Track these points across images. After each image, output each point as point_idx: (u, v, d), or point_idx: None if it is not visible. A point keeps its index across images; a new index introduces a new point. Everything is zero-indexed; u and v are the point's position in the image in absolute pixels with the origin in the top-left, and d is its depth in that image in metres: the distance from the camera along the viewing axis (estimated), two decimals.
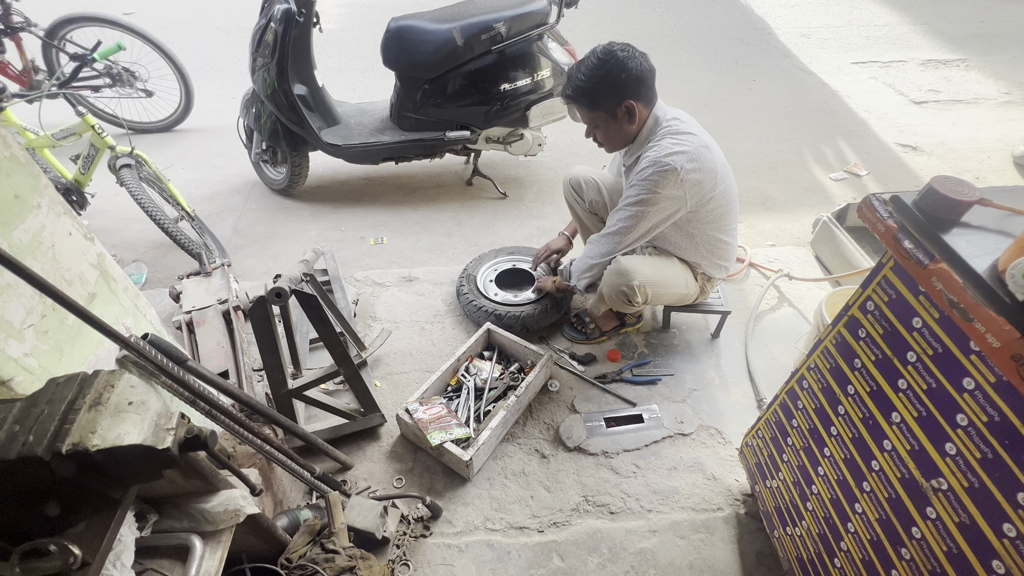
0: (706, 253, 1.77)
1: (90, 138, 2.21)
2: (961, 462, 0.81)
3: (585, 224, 2.07)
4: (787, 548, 1.30)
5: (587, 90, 1.52)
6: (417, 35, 2.42)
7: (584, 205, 2.00)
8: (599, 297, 1.81)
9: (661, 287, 1.74)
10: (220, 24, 5.04)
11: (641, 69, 1.48)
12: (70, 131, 2.21)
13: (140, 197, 2.13)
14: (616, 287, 1.70)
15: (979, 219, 0.83)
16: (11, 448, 0.63)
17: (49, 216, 0.95)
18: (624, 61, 1.46)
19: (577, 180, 1.99)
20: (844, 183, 3.04)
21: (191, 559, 0.87)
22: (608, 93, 1.50)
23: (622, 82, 1.48)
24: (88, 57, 2.13)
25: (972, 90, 3.95)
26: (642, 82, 1.50)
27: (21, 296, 0.86)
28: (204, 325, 1.77)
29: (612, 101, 1.51)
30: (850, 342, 1.04)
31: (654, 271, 1.70)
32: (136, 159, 2.25)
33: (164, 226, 2.16)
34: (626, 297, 1.70)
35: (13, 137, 0.91)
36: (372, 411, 1.69)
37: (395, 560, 1.43)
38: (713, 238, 1.73)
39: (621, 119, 1.54)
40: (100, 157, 2.25)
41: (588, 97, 1.53)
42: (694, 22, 5.12)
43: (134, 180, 2.16)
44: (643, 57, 1.49)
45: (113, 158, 2.21)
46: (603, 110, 1.54)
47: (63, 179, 2.30)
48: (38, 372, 0.86)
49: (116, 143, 2.22)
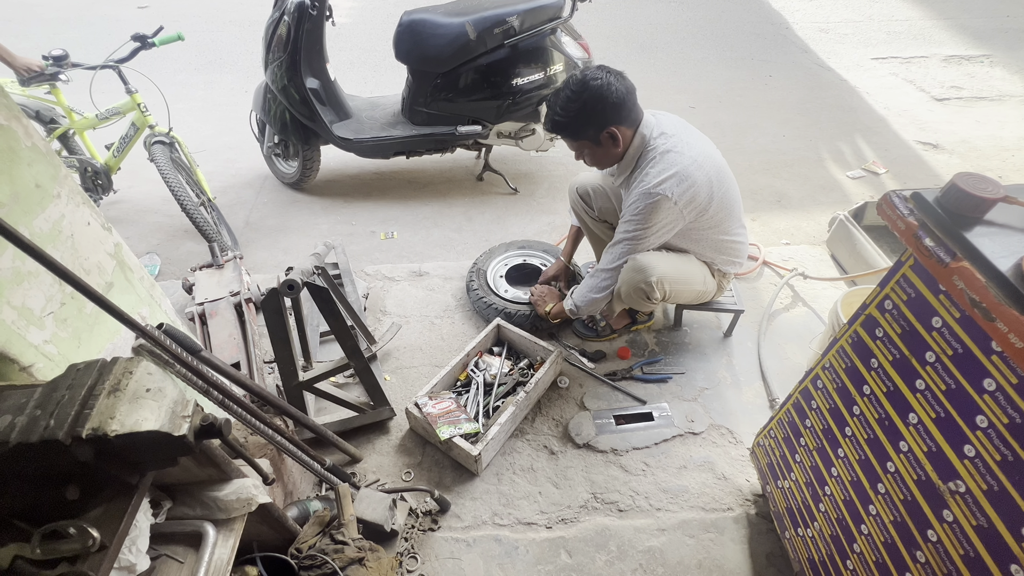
0: (714, 253, 1.76)
1: (133, 117, 2.29)
2: (980, 464, 0.79)
3: (594, 232, 2.02)
4: (798, 549, 1.29)
5: (565, 124, 1.53)
6: (429, 29, 2.41)
7: (593, 213, 1.96)
8: (616, 299, 1.79)
9: (680, 283, 1.71)
10: (233, 18, 5.09)
11: (618, 95, 1.46)
12: (115, 110, 2.30)
13: (167, 175, 2.18)
14: (634, 284, 1.67)
15: (1003, 217, 0.81)
16: (33, 432, 0.64)
17: (69, 206, 0.96)
18: (599, 91, 1.44)
19: (585, 188, 1.94)
20: (862, 181, 2.99)
21: (204, 546, 0.88)
22: (587, 123, 1.50)
23: (600, 111, 1.47)
24: (148, 40, 2.18)
25: (996, 87, 3.85)
26: (621, 107, 1.48)
27: (41, 284, 0.87)
28: (216, 317, 1.79)
29: (593, 130, 1.51)
30: (867, 342, 1.02)
31: (672, 267, 1.68)
32: (171, 140, 2.31)
33: (185, 206, 2.20)
34: (644, 294, 1.67)
35: (34, 128, 0.92)
36: (382, 404, 1.70)
37: (403, 553, 1.44)
38: (718, 240, 1.71)
39: (605, 144, 1.54)
40: (138, 137, 2.32)
41: (568, 130, 1.54)
42: (709, 16, 5.05)
43: (165, 158, 2.21)
44: (619, 79, 1.47)
45: (150, 136, 2.27)
46: (586, 139, 1.55)
47: (95, 161, 2.38)
48: (57, 359, 0.88)
49: (156, 123, 2.29)
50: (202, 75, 4.15)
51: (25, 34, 4.80)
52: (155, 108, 2.33)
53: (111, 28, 4.81)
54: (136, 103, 2.26)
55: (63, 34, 4.76)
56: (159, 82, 2.31)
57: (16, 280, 0.84)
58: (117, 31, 2.25)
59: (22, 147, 0.89)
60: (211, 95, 3.89)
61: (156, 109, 2.32)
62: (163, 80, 4.02)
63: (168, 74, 4.15)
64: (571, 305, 1.84)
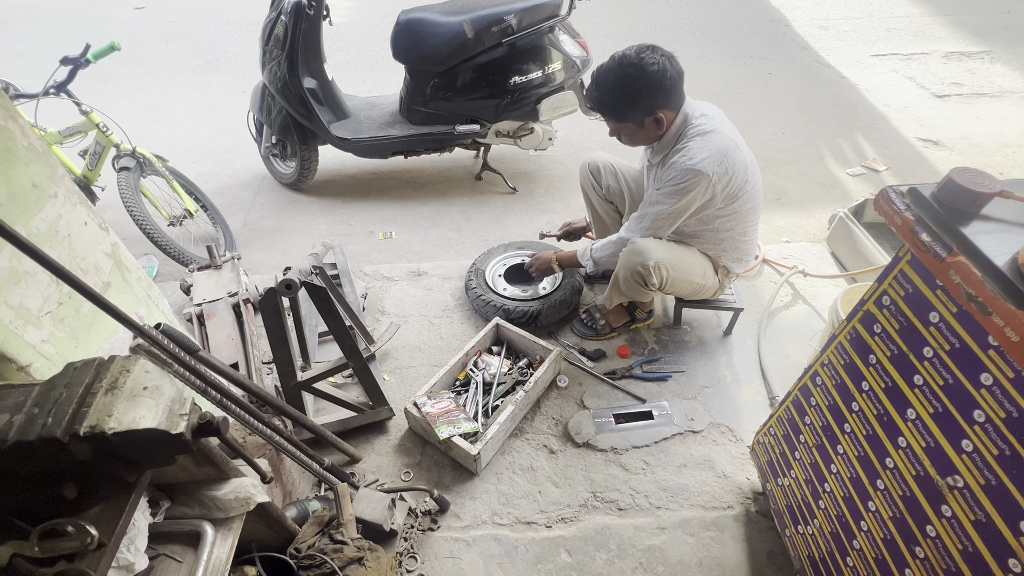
0: (729, 248, 1.75)
1: (95, 136, 2.24)
2: (978, 459, 0.79)
3: (598, 212, 2.03)
4: (798, 547, 1.29)
5: (613, 106, 1.48)
6: (427, 28, 2.41)
7: (600, 191, 1.97)
8: (613, 288, 1.79)
9: (678, 272, 1.69)
10: (230, 18, 5.09)
11: (672, 80, 1.42)
12: (75, 129, 2.23)
13: (130, 205, 2.14)
14: (632, 267, 1.66)
15: (999, 212, 0.80)
16: (31, 430, 0.64)
17: (66, 205, 0.96)
18: (656, 77, 1.40)
19: (596, 164, 1.95)
20: (862, 179, 2.98)
21: (202, 545, 0.89)
22: (637, 108, 1.47)
23: (652, 97, 1.43)
24: (81, 60, 2.13)
25: (997, 83, 3.84)
26: (672, 92, 1.45)
27: (39, 284, 0.87)
28: (214, 318, 1.79)
29: (640, 113, 1.48)
30: (865, 338, 1.02)
31: (670, 254, 1.67)
32: (138, 158, 2.26)
33: (152, 236, 2.16)
34: (641, 278, 1.66)
35: (30, 128, 0.92)
36: (380, 404, 1.70)
37: (403, 552, 1.44)
38: (738, 233, 1.71)
39: (648, 127, 1.51)
40: (106, 154, 2.27)
41: (615, 112, 1.50)
42: (708, 14, 5.04)
43: (129, 187, 2.16)
44: (672, 62, 1.43)
45: (116, 157, 2.23)
46: (630, 122, 1.51)
47: (71, 175, 2.33)
48: (55, 359, 0.88)
49: (121, 141, 2.24)
50: (199, 76, 4.15)
51: (22, 36, 4.81)
52: (141, 112, 2.25)
53: (109, 30, 4.82)
54: (94, 123, 2.18)
55: (60, 36, 4.76)
56: (155, 84, 2.30)
57: (13, 280, 0.84)
58: (115, 33, 2.23)
59: (19, 147, 0.89)
60: (208, 96, 3.89)
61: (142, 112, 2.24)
62: (160, 81, 4.02)
63: (165, 75, 4.18)
64: (587, 255, 1.81)
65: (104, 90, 2.20)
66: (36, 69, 2.71)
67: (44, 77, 2.13)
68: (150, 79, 4.09)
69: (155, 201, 2.37)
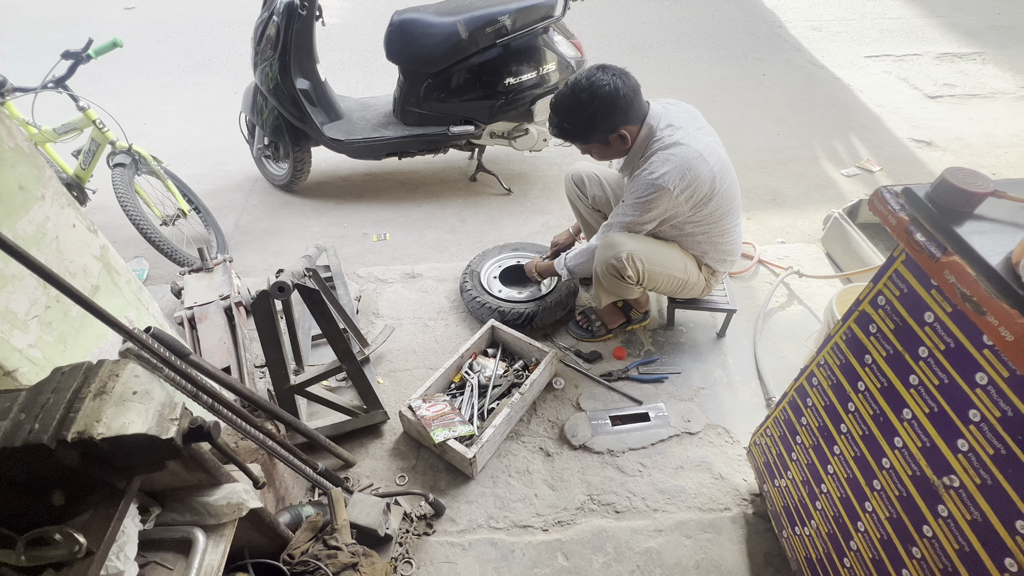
0: (709, 249, 1.76)
1: (91, 133, 2.22)
2: (974, 458, 0.79)
3: (588, 222, 2.05)
4: (796, 548, 1.29)
5: (573, 132, 1.53)
6: (421, 28, 2.40)
7: (587, 201, 1.99)
8: (597, 285, 1.79)
9: (655, 265, 1.68)
10: (221, 18, 5.06)
11: (627, 98, 1.45)
12: (72, 126, 2.21)
13: (125, 202, 2.13)
14: (606, 261, 1.67)
15: (993, 211, 0.81)
16: (17, 436, 0.63)
17: (53, 207, 0.95)
18: (609, 98, 1.43)
19: (580, 175, 1.98)
20: (856, 179, 3.00)
21: (194, 552, 0.87)
22: (596, 129, 1.50)
23: (609, 117, 1.47)
24: (83, 55, 2.12)
25: (989, 84, 3.88)
26: (629, 107, 1.47)
27: (26, 287, 0.86)
28: (206, 321, 1.77)
29: (602, 133, 1.51)
30: (861, 338, 1.02)
31: (645, 247, 1.67)
32: (133, 156, 2.25)
33: (146, 233, 2.15)
34: (616, 271, 1.66)
35: (18, 128, 0.91)
36: (375, 408, 1.69)
37: (398, 558, 1.43)
38: (715, 235, 1.71)
39: (614, 143, 1.55)
40: (101, 152, 2.25)
41: (577, 137, 1.54)
42: (703, 15, 5.07)
43: (124, 183, 2.15)
44: (624, 79, 1.46)
45: (111, 154, 2.21)
46: (595, 142, 1.55)
47: (64, 174, 2.30)
48: (42, 363, 0.86)
49: (117, 139, 2.22)
50: (190, 77, 4.12)
51: (9, 36, 4.76)
52: (132, 113, 2.24)
53: (98, 30, 4.76)
54: (91, 119, 2.17)
55: (48, 36, 4.71)
56: (145, 84, 2.28)
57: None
58: (104, 33, 2.19)
59: (5, 148, 0.87)
60: (200, 97, 3.86)
61: (132, 113, 2.23)
62: (151, 82, 3.99)
63: (156, 76, 4.14)
64: (563, 264, 1.90)
65: (94, 91, 2.17)
66: (24, 69, 2.69)
67: (32, 77, 2.11)
68: (140, 80, 4.06)
69: (148, 200, 2.35)
